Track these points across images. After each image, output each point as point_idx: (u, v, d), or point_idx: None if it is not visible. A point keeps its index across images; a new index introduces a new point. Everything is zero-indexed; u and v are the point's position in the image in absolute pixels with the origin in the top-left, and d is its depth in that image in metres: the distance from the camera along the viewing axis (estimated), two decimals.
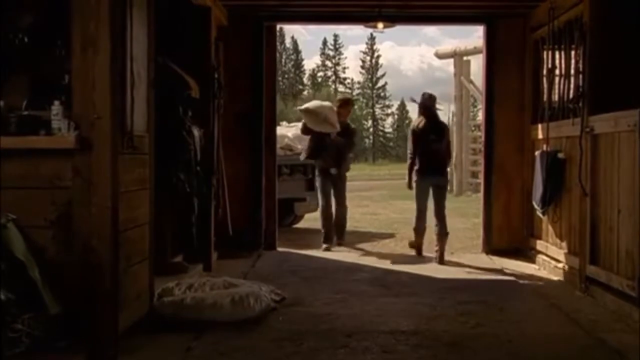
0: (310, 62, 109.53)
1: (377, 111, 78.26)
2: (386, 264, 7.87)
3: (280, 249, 8.87)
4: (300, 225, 11.81)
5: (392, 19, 8.04)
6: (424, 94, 8.38)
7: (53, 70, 4.32)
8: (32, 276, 4.07)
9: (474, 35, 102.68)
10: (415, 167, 8.20)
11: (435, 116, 8.36)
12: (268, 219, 8.77)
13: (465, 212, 14.05)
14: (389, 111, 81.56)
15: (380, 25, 7.99)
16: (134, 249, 4.70)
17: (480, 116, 29.79)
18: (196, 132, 6.84)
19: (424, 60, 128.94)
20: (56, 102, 4.20)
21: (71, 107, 4.22)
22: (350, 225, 11.18)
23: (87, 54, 4.17)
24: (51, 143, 4.19)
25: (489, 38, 8.55)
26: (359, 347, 4.60)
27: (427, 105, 8.26)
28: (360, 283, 6.78)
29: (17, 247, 4.09)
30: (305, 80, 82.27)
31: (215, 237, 7.47)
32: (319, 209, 9.44)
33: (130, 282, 4.62)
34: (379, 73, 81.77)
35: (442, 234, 8.05)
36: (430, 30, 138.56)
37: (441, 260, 7.90)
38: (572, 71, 6.81)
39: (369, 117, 79.63)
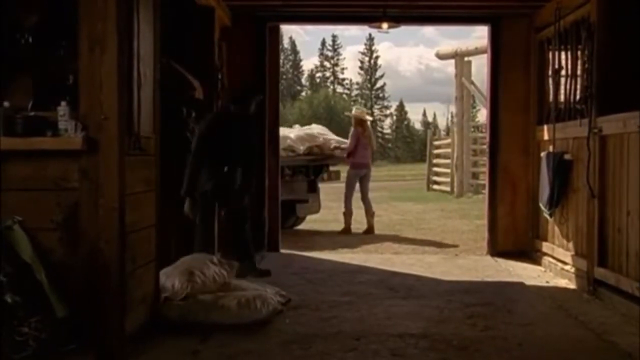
0: (309, 62, 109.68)
1: (376, 112, 78.22)
2: (391, 266, 7.82)
3: (283, 251, 8.83)
4: (302, 227, 11.76)
5: (396, 19, 7.99)
6: (359, 109, 12.38)
7: (60, 70, 4.26)
8: (38, 279, 4.01)
9: (471, 36, 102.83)
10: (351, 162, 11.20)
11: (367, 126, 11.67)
12: (271, 221, 8.72)
13: (467, 214, 14.03)
14: (388, 112, 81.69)
15: (384, 25, 7.94)
16: (140, 251, 4.64)
17: (480, 117, 29.66)
18: None
19: (422, 61, 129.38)
20: (63, 103, 4.14)
21: (78, 108, 4.17)
22: (353, 227, 11.17)
23: (94, 53, 4.13)
24: (58, 144, 4.13)
25: (494, 38, 8.50)
26: (368, 351, 4.54)
27: (362, 118, 11.53)
28: (366, 285, 6.72)
29: (23, 249, 4.04)
30: (303, 81, 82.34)
31: (217, 238, 7.41)
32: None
33: (136, 284, 4.56)
34: (378, 74, 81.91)
35: (370, 212, 10.97)
36: (428, 30, 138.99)
37: (370, 232, 10.77)
38: (579, 72, 6.77)
39: None
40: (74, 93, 4.19)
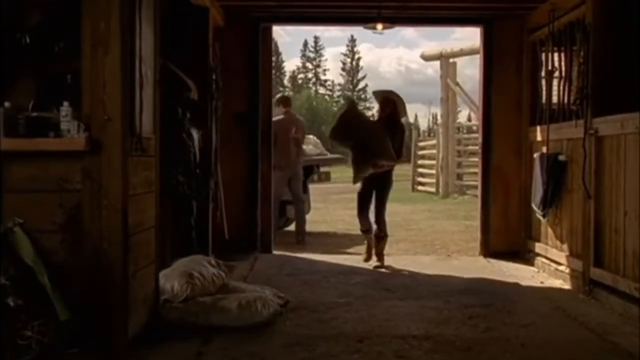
0: (290, 64, 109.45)
1: None
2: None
3: (276, 252, 8.79)
4: (293, 227, 11.69)
5: (391, 20, 7.99)
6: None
7: (62, 70, 4.21)
8: (40, 281, 3.96)
9: (450, 37, 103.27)
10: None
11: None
12: (264, 222, 8.68)
13: (455, 215, 14.07)
14: (370, 113, 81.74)
15: (379, 26, 7.93)
16: (141, 253, 4.60)
17: (460, 118, 29.88)
18: (195, 134, 6.75)
19: (402, 63, 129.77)
20: (65, 103, 4.09)
21: (81, 108, 4.12)
22: (342, 228, 11.17)
23: (97, 53, 4.09)
24: (60, 145, 4.08)
25: (486, 40, 8.52)
26: (372, 352, 4.53)
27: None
28: (362, 286, 6.71)
29: (25, 251, 3.99)
30: (285, 82, 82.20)
31: (211, 239, 7.36)
32: None
33: (138, 286, 4.51)
34: (359, 75, 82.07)
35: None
36: (408, 32, 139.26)
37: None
38: (574, 73, 6.79)
39: None
40: (76, 93, 4.14)
